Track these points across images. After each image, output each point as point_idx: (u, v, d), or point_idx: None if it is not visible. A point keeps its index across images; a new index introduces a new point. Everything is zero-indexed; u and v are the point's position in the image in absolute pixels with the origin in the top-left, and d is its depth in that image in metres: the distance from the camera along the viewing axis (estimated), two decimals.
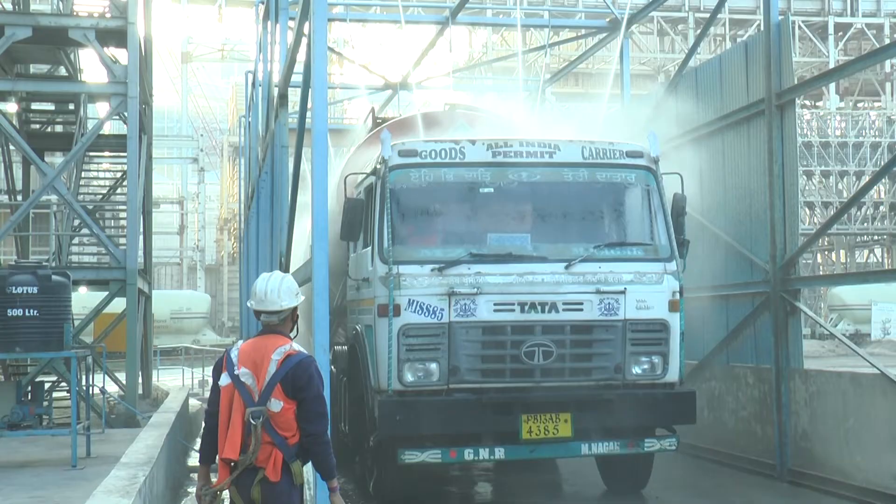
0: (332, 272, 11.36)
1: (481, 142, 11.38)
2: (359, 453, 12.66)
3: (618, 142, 11.79)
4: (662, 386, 11.23)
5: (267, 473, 5.92)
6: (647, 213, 11.65)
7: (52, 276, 16.22)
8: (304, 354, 6.15)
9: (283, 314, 6.28)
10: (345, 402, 13.05)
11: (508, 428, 10.77)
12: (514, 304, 10.78)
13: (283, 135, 11.11)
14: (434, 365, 10.64)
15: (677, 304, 11.22)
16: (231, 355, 6.17)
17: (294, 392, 6.00)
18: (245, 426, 5.91)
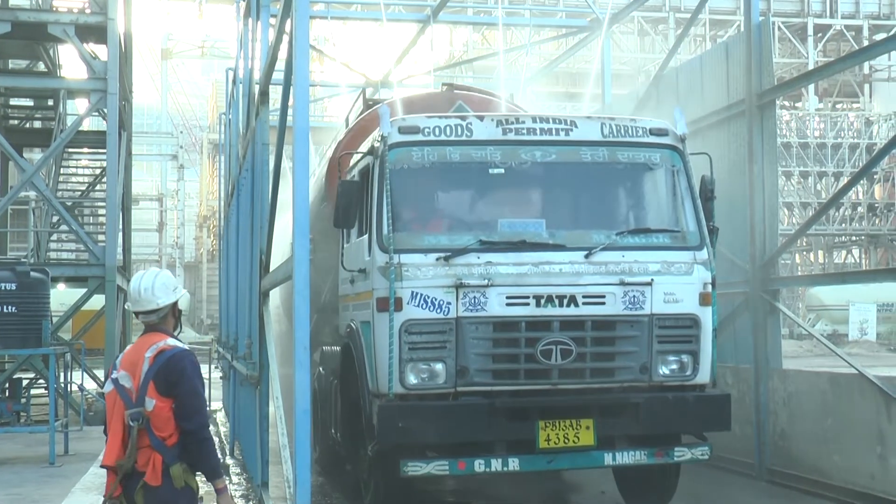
0: (319, 267, 11.02)
1: (490, 118, 10.30)
2: (352, 462, 11.45)
3: (640, 118, 10.88)
4: (692, 388, 10.05)
5: (146, 479, 5.67)
6: (673, 196, 10.45)
7: (31, 272, 16.24)
8: (179, 348, 5.91)
9: (162, 312, 6.08)
10: (336, 406, 11.77)
11: (524, 436, 9.58)
12: (528, 297, 9.61)
13: (265, 132, 11.04)
14: (440, 365, 9.47)
15: (709, 298, 10.05)
16: (117, 360, 6.03)
17: (167, 388, 5.75)
18: (125, 430, 5.72)
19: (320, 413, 12.63)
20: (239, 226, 14.37)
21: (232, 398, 16.24)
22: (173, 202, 63.04)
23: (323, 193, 12.86)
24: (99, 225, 21.87)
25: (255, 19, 12.08)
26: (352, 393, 10.67)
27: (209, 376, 24.28)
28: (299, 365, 7.75)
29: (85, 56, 19.45)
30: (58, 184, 23.26)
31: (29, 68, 23.17)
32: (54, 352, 15.87)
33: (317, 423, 12.03)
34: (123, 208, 21.07)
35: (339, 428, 11.72)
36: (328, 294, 12.53)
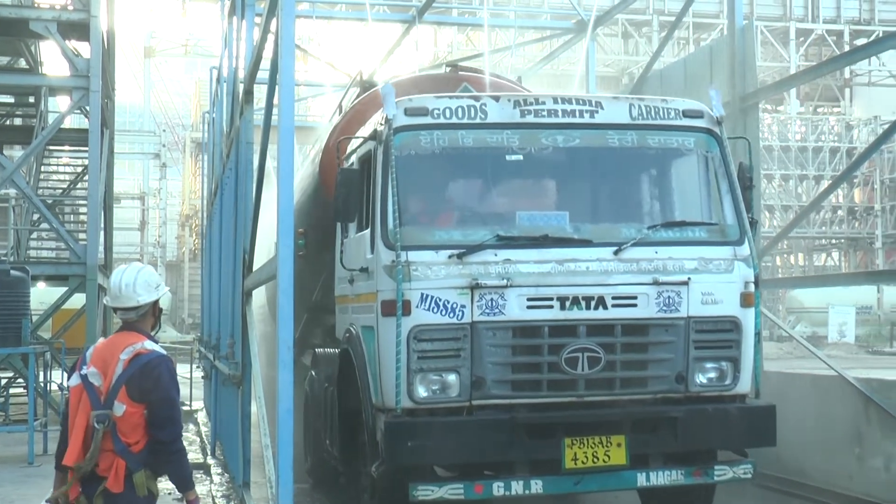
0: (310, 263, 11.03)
1: (507, 98, 9.23)
2: (349, 478, 10.43)
3: (673, 99, 9.75)
4: (732, 399, 9.03)
5: (108, 484, 5.49)
6: (710, 185, 9.44)
7: (11, 270, 16.23)
8: (156, 354, 5.71)
9: (142, 310, 5.88)
10: (332, 416, 10.67)
11: (548, 455, 8.53)
12: (552, 298, 8.56)
13: (249, 131, 10.99)
14: (453, 376, 8.40)
15: (751, 298, 9.01)
16: (86, 354, 5.80)
17: (140, 395, 5.56)
18: (89, 430, 5.51)
19: (313, 422, 12.03)
20: (222, 225, 14.35)
21: (213, 398, 16.23)
22: (155, 201, 62.92)
23: (316, 185, 11.98)
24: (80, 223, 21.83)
25: (240, 18, 12.06)
26: (351, 404, 9.72)
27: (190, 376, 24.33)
28: (283, 365, 7.75)
29: (67, 53, 19.35)
30: (39, 181, 23.20)
31: (9, 65, 23.07)
32: (34, 351, 15.89)
33: (309, 432, 12.01)
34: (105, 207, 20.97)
35: (335, 440, 10.57)
36: (320, 293, 11.90)
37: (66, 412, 5.79)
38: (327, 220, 10.51)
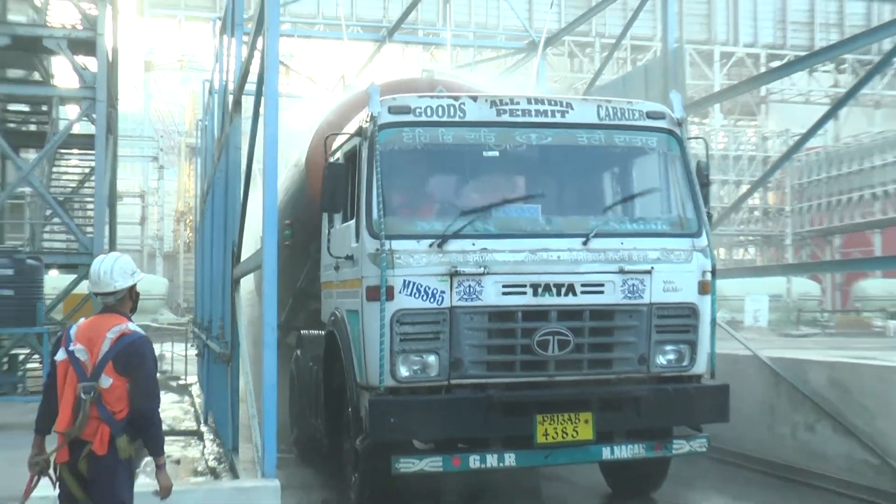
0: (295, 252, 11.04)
1: (484, 98, 8.78)
2: (335, 451, 10.03)
3: (637, 101, 9.42)
4: (688, 379, 8.70)
5: (94, 447, 5.48)
6: (671, 181, 9.02)
7: (27, 259, 16.16)
8: (139, 334, 5.71)
9: (119, 294, 5.81)
10: (317, 393, 10.34)
11: (521, 430, 8.18)
12: (525, 285, 8.17)
13: (237, 137, 10.93)
14: (433, 357, 8.02)
15: (708, 286, 8.67)
16: (70, 332, 5.71)
17: (126, 370, 5.56)
18: (76, 400, 5.50)
19: (298, 398, 11.78)
20: (213, 220, 14.31)
21: (206, 374, 16.16)
22: (154, 199, 62.59)
23: (301, 181, 11.54)
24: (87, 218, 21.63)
25: (230, 36, 12.05)
26: (335, 382, 9.51)
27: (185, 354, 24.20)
28: (268, 345, 7.80)
29: (76, 67, 19.33)
30: (51, 181, 23.01)
31: (25, 77, 22.88)
32: (48, 330, 15.88)
33: (294, 407, 11.81)
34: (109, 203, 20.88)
35: (320, 416, 10.26)
36: (304, 279, 11.55)
37: (49, 383, 5.75)
38: (311, 213, 10.28)
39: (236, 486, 7.21)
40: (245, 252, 10.51)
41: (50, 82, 22.50)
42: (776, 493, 9.96)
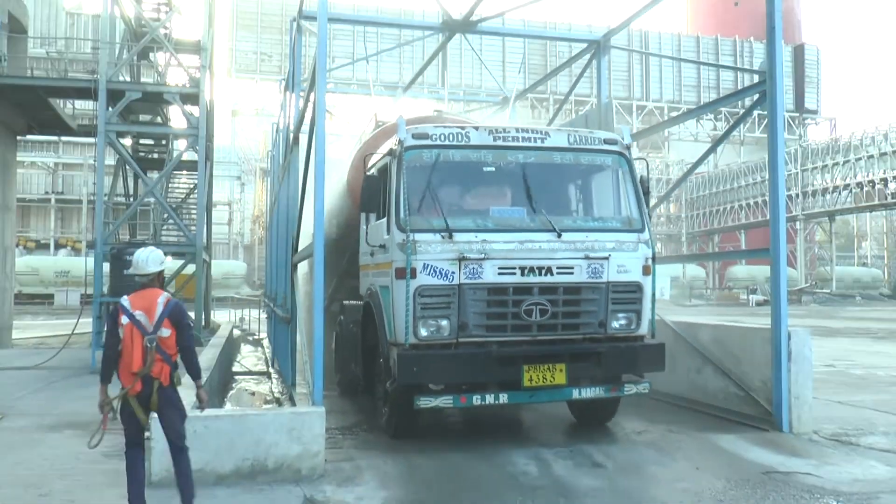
0: (340, 244, 10.86)
1: (483, 128, 8.65)
2: (369, 390, 9.70)
3: (596, 131, 9.19)
4: (634, 339, 8.47)
5: (161, 380, 5.65)
6: (622, 191, 8.82)
7: None
8: (178, 300, 5.87)
9: (151, 276, 5.91)
10: (356, 348, 9.98)
11: (512, 377, 7.98)
12: (515, 267, 7.96)
13: (296, 163, 10.88)
14: (445, 321, 7.84)
15: (650, 269, 8.50)
16: (124, 305, 5.73)
17: (175, 322, 5.72)
18: (143, 349, 5.61)
19: (342, 351, 11.23)
20: (278, 222, 14.22)
21: (273, 332, 16.07)
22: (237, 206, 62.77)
23: (343, 192, 11.11)
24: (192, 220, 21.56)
25: (291, 92, 11.96)
26: (370, 341, 9.18)
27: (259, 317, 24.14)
28: (316, 312, 7.68)
29: (185, 113, 19.52)
30: (167, 193, 23.00)
31: (151, 120, 22.93)
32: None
33: (339, 358, 11.50)
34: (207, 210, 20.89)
35: (359, 364, 9.96)
36: (346, 264, 11.09)
37: (109, 345, 5.75)
38: (352, 215, 10.13)
39: (294, 411, 7.11)
40: (301, 244, 10.42)
41: (167, 124, 22.64)
42: (676, 416, 9.89)
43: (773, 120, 9.10)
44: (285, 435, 6.85)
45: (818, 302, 51.03)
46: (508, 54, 57.16)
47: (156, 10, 21.79)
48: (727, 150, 62.48)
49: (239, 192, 62.72)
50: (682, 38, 66.87)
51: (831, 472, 7.26)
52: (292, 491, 6.50)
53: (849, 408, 10.70)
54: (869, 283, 63.32)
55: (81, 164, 51.93)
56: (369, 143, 10.62)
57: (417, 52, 53.10)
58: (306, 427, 6.91)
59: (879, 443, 8.53)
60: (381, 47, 46.72)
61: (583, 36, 15.49)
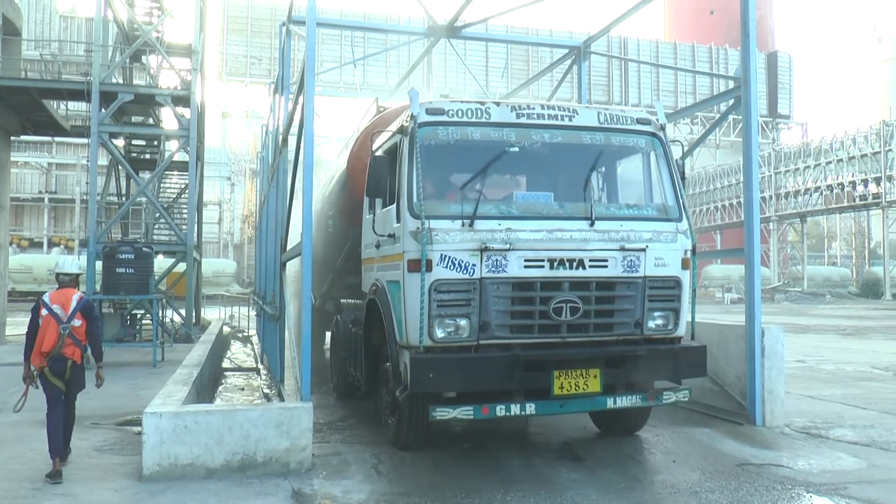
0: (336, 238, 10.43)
1: (505, 104, 7.47)
2: (371, 396, 8.72)
3: (628, 109, 8.01)
4: (671, 340, 7.38)
5: (74, 359, 6.80)
6: (656, 175, 7.71)
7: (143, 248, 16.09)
8: (88, 297, 7.15)
9: (72, 276, 7.14)
10: (357, 349, 8.91)
11: (540, 384, 6.86)
12: (543, 260, 6.84)
13: (285, 164, 10.82)
14: (464, 321, 6.72)
15: (689, 262, 7.39)
16: (45, 300, 6.87)
17: (86, 315, 6.88)
18: (57, 335, 6.73)
19: (339, 352, 10.39)
20: (267, 221, 14.18)
21: (262, 328, 16.01)
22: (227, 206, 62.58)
23: (343, 181, 10.12)
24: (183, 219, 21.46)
25: (281, 95, 11.91)
26: (374, 342, 8.16)
27: (248, 314, 24.03)
28: (305, 309, 7.62)
29: (177, 115, 19.56)
30: (159, 193, 22.89)
31: (143, 122, 22.85)
32: (156, 297, 15.81)
33: (335, 359, 10.96)
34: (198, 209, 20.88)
35: (360, 368, 8.76)
36: (343, 259, 10.20)
37: (31, 332, 6.82)
38: (351, 207, 9.28)
39: (283, 407, 7.08)
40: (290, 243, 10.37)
41: (159, 125, 22.61)
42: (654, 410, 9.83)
43: (748, 124, 9.17)
44: (274, 430, 6.83)
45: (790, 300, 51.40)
46: (492, 59, 57.17)
47: (148, 14, 21.71)
48: (703, 153, 62.76)
49: (229, 193, 62.56)
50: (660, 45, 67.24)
51: (802, 464, 7.32)
52: (281, 484, 6.47)
53: (819, 402, 10.78)
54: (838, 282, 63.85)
55: (74, 164, 51.60)
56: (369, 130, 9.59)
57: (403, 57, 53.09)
58: (294, 422, 6.89)
59: (847, 435, 8.60)
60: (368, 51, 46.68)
61: (564, 42, 15.47)
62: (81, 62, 27.30)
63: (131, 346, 15.55)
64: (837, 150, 55.73)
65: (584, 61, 13.32)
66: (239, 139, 63.44)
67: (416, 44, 16.99)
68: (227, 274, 50.07)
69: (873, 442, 8.29)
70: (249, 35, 59.24)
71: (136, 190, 20.50)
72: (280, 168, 11.11)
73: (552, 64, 14.63)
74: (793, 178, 57.48)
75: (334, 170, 11.64)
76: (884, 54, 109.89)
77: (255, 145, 49.50)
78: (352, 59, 44.68)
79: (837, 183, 56.64)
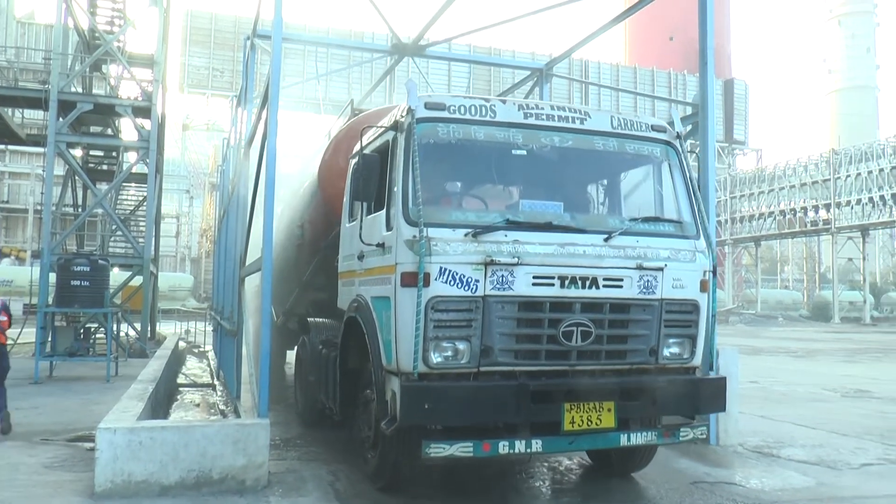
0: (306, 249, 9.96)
1: (512, 102, 6.72)
2: (346, 424, 7.79)
3: (642, 116, 7.23)
4: (686, 370, 6.62)
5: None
6: (672, 188, 6.94)
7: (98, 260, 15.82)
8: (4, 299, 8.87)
9: None
10: (330, 374, 7.97)
11: (549, 417, 6.04)
12: (553, 277, 6.03)
13: (246, 178, 10.73)
14: (464, 344, 5.86)
15: (707, 285, 6.63)
16: None
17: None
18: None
19: (307, 377, 9.47)
20: (227, 235, 14.05)
21: (219, 344, 15.80)
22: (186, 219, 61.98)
23: (314, 189, 9.33)
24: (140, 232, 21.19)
25: (243, 108, 11.85)
26: (352, 365, 7.29)
27: (205, 329, 23.71)
28: (264, 325, 7.56)
29: (137, 126, 19.40)
30: (116, 205, 22.57)
31: (102, 132, 22.54)
32: (111, 311, 15.53)
33: (301, 383, 10.23)
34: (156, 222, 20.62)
35: (334, 394, 7.79)
36: (311, 273, 9.49)
37: None
38: (323, 217, 8.72)
39: (240, 423, 6.99)
40: (250, 258, 10.27)
41: (118, 136, 22.30)
42: None
43: (705, 149, 9.36)
44: (230, 446, 6.73)
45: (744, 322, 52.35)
46: (454, 78, 57.54)
47: (110, 23, 21.48)
48: None
49: (188, 206, 61.96)
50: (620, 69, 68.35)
51: (754, 483, 7.46)
52: (236, 502, 6.39)
53: (770, 422, 10.99)
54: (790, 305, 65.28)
55: (29, 173, 50.60)
56: (344, 135, 8.90)
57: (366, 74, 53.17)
58: (251, 439, 6.81)
59: (797, 454, 8.78)
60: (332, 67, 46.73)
61: (526, 64, 15.65)
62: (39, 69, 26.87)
63: (84, 361, 15.23)
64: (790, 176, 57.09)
65: (546, 83, 13.49)
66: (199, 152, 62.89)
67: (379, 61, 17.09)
68: (184, 288, 49.45)
69: (822, 461, 8.48)
70: (212, 47, 58.89)
71: (93, 201, 20.19)
72: (240, 182, 11.03)
73: (514, 85, 14.79)
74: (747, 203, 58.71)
75: (301, 180, 11.18)
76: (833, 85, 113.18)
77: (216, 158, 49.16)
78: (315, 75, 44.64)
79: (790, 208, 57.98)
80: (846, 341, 34.77)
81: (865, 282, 59.16)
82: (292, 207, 11.39)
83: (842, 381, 16.96)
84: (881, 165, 51.81)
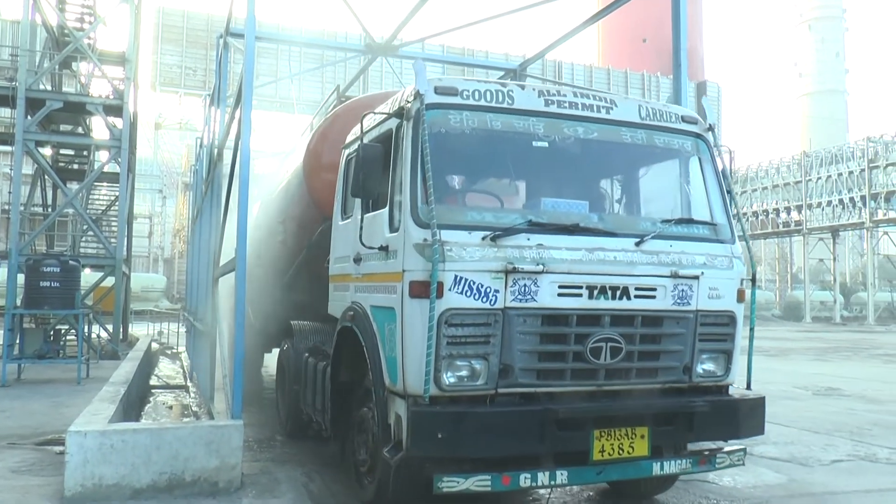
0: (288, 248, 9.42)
1: (531, 87, 5.87)
2: (339, 446, 6.98)
3: (671, 104, 6.46)
4: (719, 389, 5.91)
5: None
6: (703, 186, 6.21)
7: (69, 261, 15.69)
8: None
9: None
10: (320, 387, 7.19)
11: (577, 447, 5.31)
12: (581, 286, 5.29)
13: (219, 178, 10.67)
14: (480, 363, 5.11)
15: (744, 294, 5.98)
16: None
17: None
18: None
19: (289, 385, 8.78)
20: (200, 235, 13.97)
21: (192, 345, 15.69)
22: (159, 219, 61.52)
23: (299, 182, 8.53)
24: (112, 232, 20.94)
25: (217, 107, 11.78)
26: (344, 378, 6.55)
27: (178, 330, 23.52)
28: (238, 326, 7.51)
29: (108, 125, 19.21)
30: (88, 204, 22.31)
31: (72, 131, 22.27)
32: (83, 312, 15.43)
33: (283, 393, 9.57)
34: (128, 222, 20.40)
35: (323, 411, 7.07)
36: (293, 272, 8.89)
37: None
38: (307, 212, 8.24)
39: (213, 425, 6.94)
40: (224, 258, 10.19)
41: (89, 135, 22.07)
42: None
43: None
44: (203, 448, 6.69)
45: None
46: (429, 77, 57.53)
47: (80, 20, 21.19)
48: None
49: (160, 206, 61.47)
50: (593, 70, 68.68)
51: (727, 480, 7.53)
52: None
53: None
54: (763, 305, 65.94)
55: None
56: (330, 124, 8.16)
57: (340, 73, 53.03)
58: (224, 440, 6.76)
59: (770, 452, 8.90)
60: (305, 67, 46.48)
61: (500, 64, 15.69)
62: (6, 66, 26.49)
63: (54, 363, 15.04)
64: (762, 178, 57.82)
65: None
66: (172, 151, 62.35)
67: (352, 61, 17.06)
68: (157, 289, 48.97)
69: (794, 458, 8.61)
70: (185, 45, 58.29)
71: (64, 201, 19.95)
72: (215, 181, 10.96)
73: None
74: None
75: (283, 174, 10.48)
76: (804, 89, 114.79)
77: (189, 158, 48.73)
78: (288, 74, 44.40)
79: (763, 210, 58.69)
80: (817, 340, 35.32)
81: (836, 282, 60.12)
82: (270, 204, 11.23)
83: (813, 379, 17.21)
84: (850, 168, 52.65)
